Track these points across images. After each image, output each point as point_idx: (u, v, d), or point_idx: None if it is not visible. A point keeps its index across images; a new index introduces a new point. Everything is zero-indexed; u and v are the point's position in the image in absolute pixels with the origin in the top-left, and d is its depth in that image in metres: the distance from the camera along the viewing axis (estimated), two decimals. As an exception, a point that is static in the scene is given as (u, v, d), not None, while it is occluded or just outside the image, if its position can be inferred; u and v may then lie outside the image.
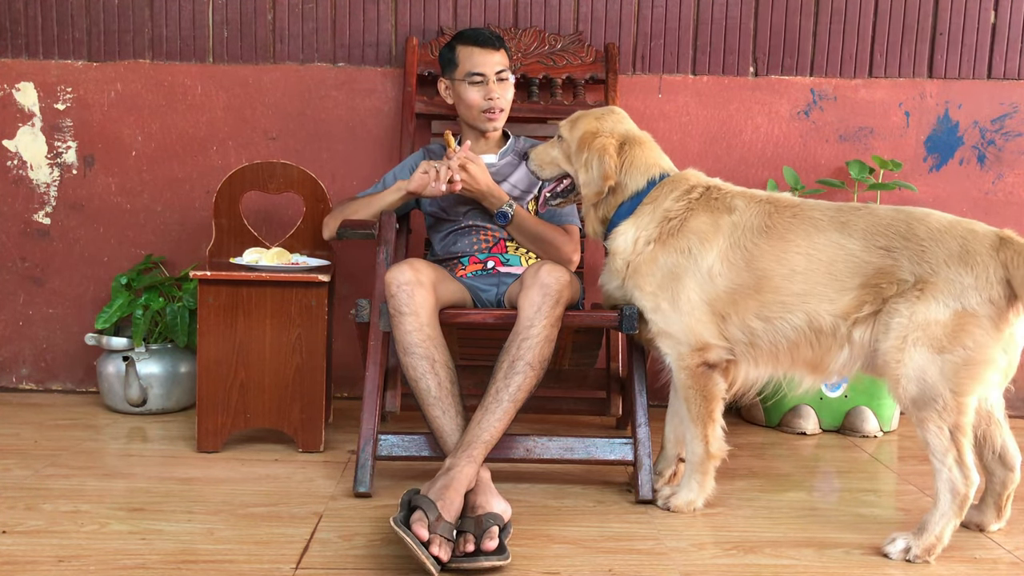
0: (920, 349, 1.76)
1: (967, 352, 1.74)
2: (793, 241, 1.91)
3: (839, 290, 1.86)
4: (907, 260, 1.82)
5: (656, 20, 3.06)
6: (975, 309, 1.74)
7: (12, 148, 3.08)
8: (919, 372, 1.77)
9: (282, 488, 2.17)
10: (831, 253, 1.88)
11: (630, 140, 2.13)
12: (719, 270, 1.95)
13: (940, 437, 1.77)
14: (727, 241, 1.96)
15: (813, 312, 1.88)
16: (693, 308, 1.96)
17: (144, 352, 2.80)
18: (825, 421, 2.87)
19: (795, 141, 3.10)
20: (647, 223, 2.04)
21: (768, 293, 1.91)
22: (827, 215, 1.93)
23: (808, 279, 1.88)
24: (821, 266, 1.88)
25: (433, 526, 1.69)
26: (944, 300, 1.76)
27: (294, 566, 1.71)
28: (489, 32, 2.54)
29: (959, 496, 1.77)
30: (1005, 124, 3.10)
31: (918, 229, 1.83)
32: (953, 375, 1.75)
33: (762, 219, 1.96)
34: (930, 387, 1.76)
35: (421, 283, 2.09)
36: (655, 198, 2.06)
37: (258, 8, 3.03)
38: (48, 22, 3.04)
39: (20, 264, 3.12)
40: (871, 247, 1.85)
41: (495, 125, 2.53)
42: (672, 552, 1.83)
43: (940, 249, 1.80)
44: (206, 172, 3.08)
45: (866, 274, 1.85)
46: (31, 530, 1.85)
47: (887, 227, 1.86)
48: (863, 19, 3.06)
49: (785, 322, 1.91)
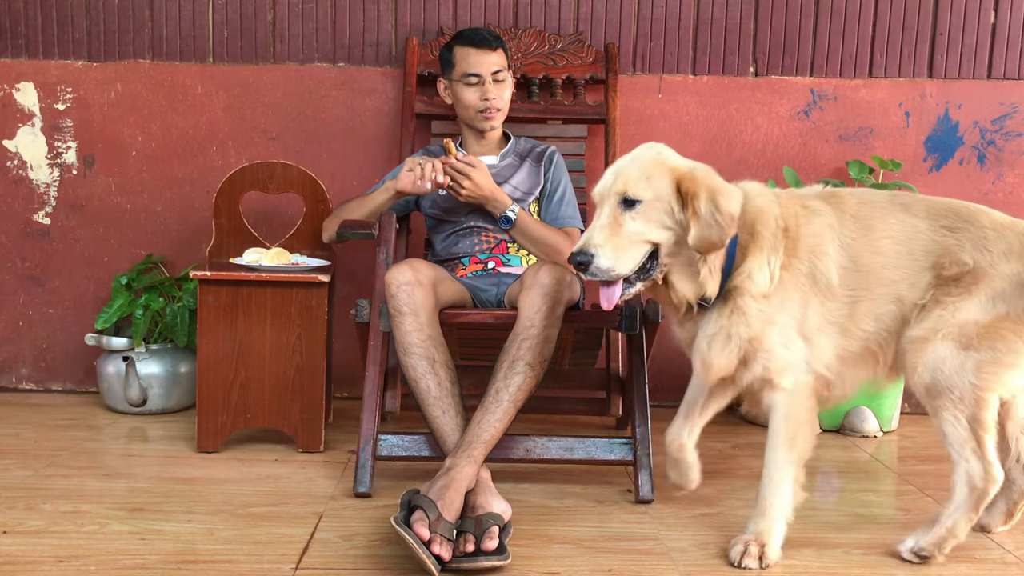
0: (946, 344, 1.69)
1: (995, 353, 1.68)
2: (877, 228, 1.78)
3: (918, 271, 1.76)
4: (969, 243, 1.74)
5: (656, 20, 3.06)
6: (1019, 314, 1.68)
7: (12, 148, 3.08)
8: (936, 362, 1.70)
9: (282, 488, 2.17)
10: (907, 232, 1.77)
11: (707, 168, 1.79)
12: (838, 280, 1.77)
13: (957, 427, 1.70)
14: (833, 245, 1.78)
15: (903, 298, 1.77)
16: (821, 330, 1.77)
17: (144, 352, 2.80)
18: (825, 421, 2.87)
19: (795, 141, 3.10)
20: (773, 248, 1.75)
21: (876, 287, 1.77)
22: (884, 198, 1.84)
23: (899, 263, 1.77)
24: (904, 246, 1.77)
25: (434, 526, 1.69)
26: (995, 300, 1.69)
27: (294, 566, 1.71)
28: (487, 32, 2.54)
29: (976, 491, 1.71)
30: (1005, 124, 3.10)
31: (980, 217, 1.77)
32: (975, 370, 1.68)
33: (843, 210, 1.81)
34: (946, 377, 1.69)
35: (421, 283, 2.10)
36: (758, 221, 1.75)
37: (258, 8, 3.03)
38: (48, 22, 3.04)
39: (20, 264, 3.12)
40: (936, 226, 1.77)
41: (492, 125, 2.53)
42: (672, 552, 1.83)
43: (1002, 242, 1.73)
44: (206, 172, 3.08)
45: (935, 253, 1.75)
46: (31, 530, 1.85)
47: (947, 208, 1.79)
48: (863, 19, 3.06)
49: (890, 315, 1.78)
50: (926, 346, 1.71)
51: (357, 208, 2.44)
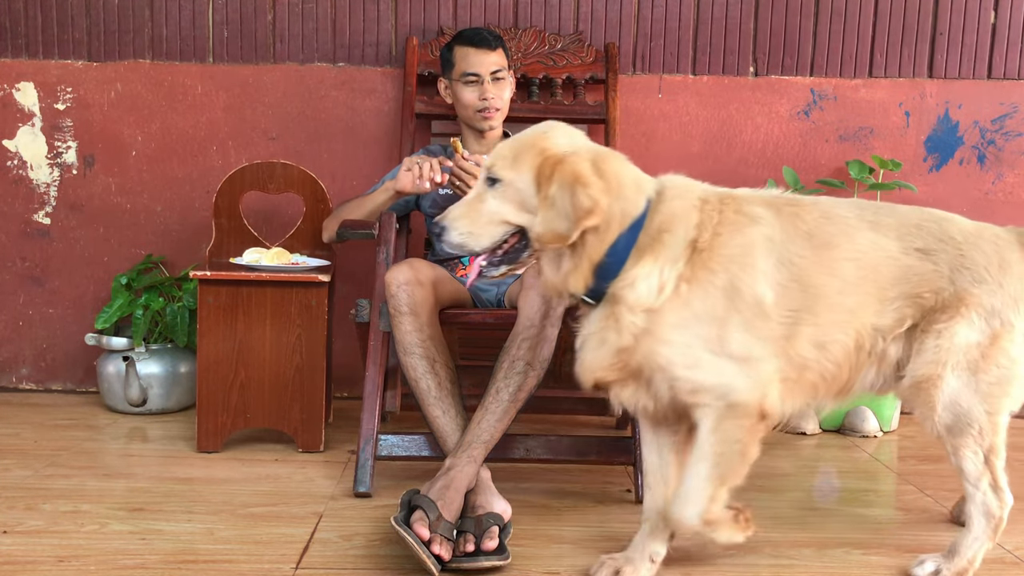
0: (956, 375, 1.61)
1: (1001, 371, 1.62)
2: (840, 246, 1.61)
3: (885, 301, 1.62)
4: (948, 266, 1.62)
5: (656, 20, 3.06)
6: (1012, 323, 1.62)
7: (12, 148, 3.08)
8: (954, 398, 1.62)
9: (282, 488, 2.17)
10: (875, 257, 1.61)
11: (601, 155, 1.59)
12: (772, 299, 1.57)
13: (975, 463, 1.66)
14: (770, 260, 1.58)
15: (861, 327, 1.62)
16: (748, 352, 1.56)
17: (144, 352, 2.80)
18: (825, 421, 2.87)
19: (795, 141, 3.10)
20: (674, 256, 1.55)
21: (824, 313, 1.59)
22: (853, 212, 1.66)
23: (859, 290, 1.61)
24: (869, 273, 1.61)
25: (434, 525, 1.69)
26: (985, 317, 1.61)
27: (294, 566, 1.71)
28: (487, 32, 2.54)
29: (994, 520, 1.69)
30: (1005, 124, 3.10)
31: (952, 231, 1.65)
32: (987, 396, 1.62)
33: (795, 223, 1.62)
34: (965, 412, 1.63)
35: (421, 283, 2.09)
36: (667, 222, 1.56)
37: (258, 8, 3.03)
38: (48, 22, 3.04)
39: (20, 264, 3.12)
40: (908, 249, 1.63)
41: (491, 124, 2.53)
42: (672, 552, 1.83)
43: (979, 256, 1.63)
44: (206, 172, 3.07)
45: (908, 281, 1.62)
46: (31, 530, 1.85)
47: (918, 227, 1.65)
48: (863, 19, 3.06)
49: (838, 345, 1.62)
50: (938, 383, 1.62)
51: (357, 208, 2.44)
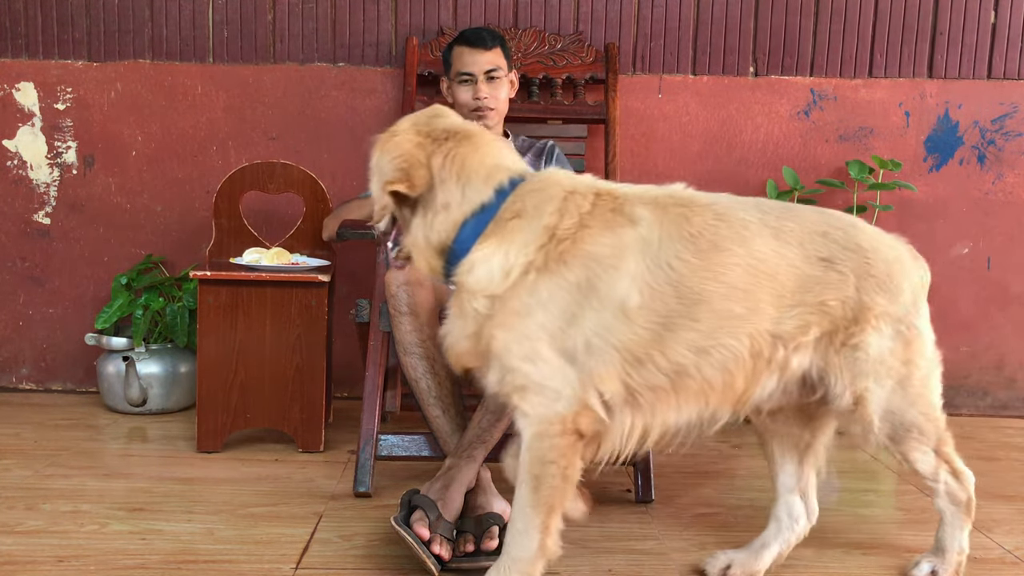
0: (883, 386, 1.60)
1: (922, 372, 1.63)
2: (730, 251, 1.51)
3: (782, 308, 1.53)
4: (853, 274, 1.56)
5: (656, 20, 3.06)
6: (918, 327, 1.62)
7: (12, 148, 3.08)
8: (886, 408, 1.61)
9: (282, 488, 2.17)
10: (773, 265, 1.53)
11: (453, 135, 1.58)
12: (638, 302, 1.47)
13: (927, 462, 1.67)
14: (642, 263, 1.49)
15: (756, 334, 1.53)
16: (592, 356, 1.46)
17: (144, 352, 2.80)
18: (825, 421, 2.86)
19: (795, 141, 3.10)
20: (523, 242, 1.49)
21: (707, 319, 1.50)
22: (754, 216, 1.56)
23: (750, 297, 1.51)
24: (764, 280, 1.52)
25: (434, 525, 1.69)
26: (895, 325, 1.59)
27: (294, 566, 1.71)
28: (486, 32, 2.52)
29: (962, 502, 1.69)
30: (1005, 124, 3.10)
31: (859, 238, 1.59)
32: (917, 398, 1.63)
33: (680, 225, 1.52)
34: (900, 419, 1.62)
35: (421, 283, 2.09)
36: (522, 210, 1.51)
37: (258, 8, 3.03)
38: (48, 22, 3.04)
39: (20, 264, 3.12)
40: (812, 258, 1.55)
41: (485, 124, 2.51)
42: (672, 552, 1.83)
43: (882, 263, 1.59)
44: (206, 172, 3.08)
45: (811, 291, 1.54)
46: (31, 530, 1.85)
47: (823, 234, 1.57)
48: (863, 19, 3.06)
49: (726, 350, 1.52)
50: (867, 397, 1.59)
51: (358, 208, 2.44)
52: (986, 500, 2.21)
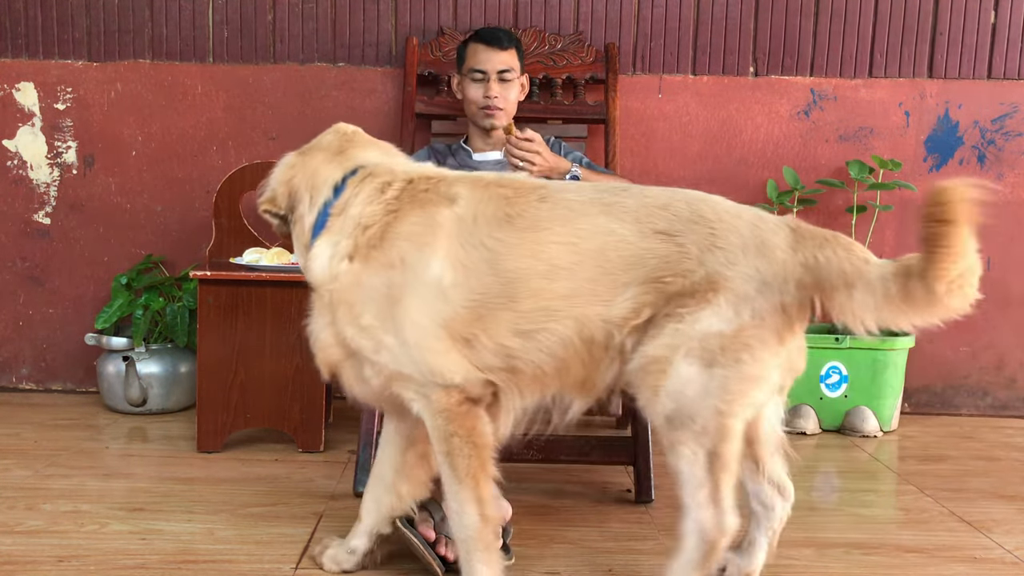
0: (690, 362, 1.41)
1: (741, 368, 1.41)
2: (550, 229, 1.47)
3: (613, 287, 1.45)
4: (696, 247, 1.44)
5: (656, 20, 3.06)
6: (763, 319, 1.41)
7: (12, 148, 3.08)
8: (680, 386, 1.42)
9: (282, 488, 2.17)
10: (600, 241, 1.46)
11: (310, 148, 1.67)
12: (452, 279, 1.46)
13: (694, 465, 1.43)
14: (456, 240, 1.48)
15: (583, 318, 1.45)
16: (425, 335, 1.47)
17: (144, 352, 2.79)
18: (825, 421, 2.87)
19: (795, 141, 3.10)
20: (341, 234, 1.54)
21: (526, 299, 1.46)
22: (585, 196, 1.52)
23: (575, 276, 1.45)
24: (589, 258, 1.45)
25: (439, 526, 1.69)
26: (737, 305, 1.41)
27: (294, 566, 1.71)
28: (502, 32, 2.50)
29: (707, 543, 1.44)
30: (1005, 124, 3.10)
31: (703, 209, 1.47)
32: (720, 391, 1.41)
33: (500, 206, 1.50)
34: (689, 403, 1.42)
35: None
36: (346, 202, 1.56)
37: (258, 8, 3.03)
38: (48, 22, 3.04)
39: (20, 264, 3.12)
40: (647, 232, 1.45)
41: (492, 123, 2.51)
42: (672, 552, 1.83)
43: (734, 235, 1.44)
44: (206, 172, 3.07)
45: (646, 266, 1.44)
46: (31, 530, 1.85)
47: (664, 207, 1.47)
48: (863, 19, 3.06)
49: (551, 335, 1.46)
50: (667, 368, 1.42)
51: None
52: (986, 500, 2.22)
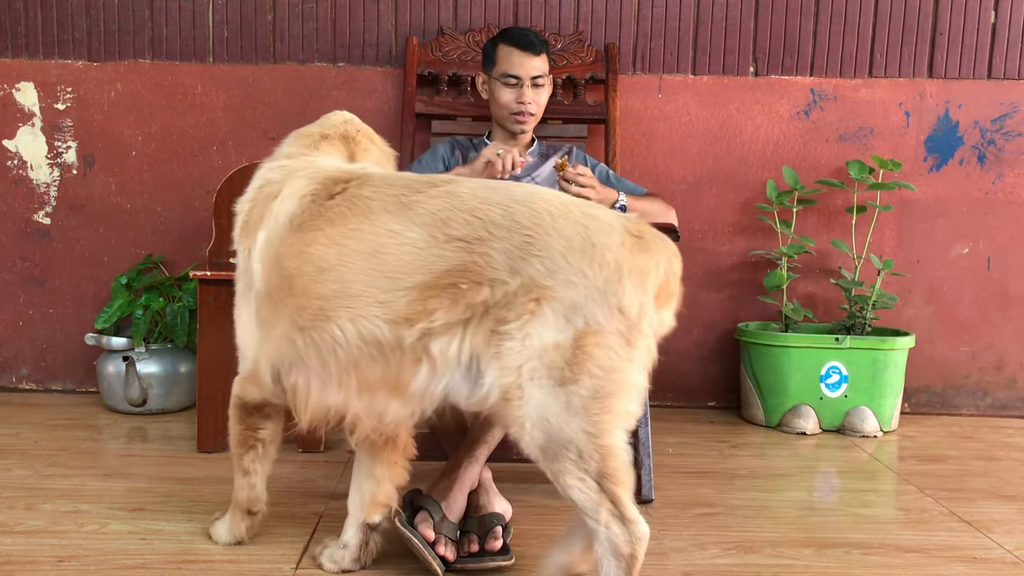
0: (539, 384, 1.34)
1: (595, 381, 1.34)
2: (321, 230, 1.49)
3: (389, 290, 1.42)
4: (502, 255, 1.37)
5: (656, 20, 3.06)
6: (601, 324, 1.34)
7: (12, 148, 3.08)
8: (540, 413, 1.35)
9: (282, 488, 2.17)
10: (375, 243, 1.44)
11: None
12: (257, 272, 1.55)
13: (585, 491, 1.37)
14: (264, 235, 1.55)
15: (358, 318, 1.44)
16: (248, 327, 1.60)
17: (144, 352, 2.79)
18: (825, 421, 2.87)
19: (795, 141, 3.10)
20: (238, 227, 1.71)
21: (298, 297, 1.48)
22: (383, 193, 1.49)
23: (341, 277, 1.45)
24: (359, 260, 1.44)
25: (439, 526, 1.70)
26: (565, 315, 1.34)
27: (294, 566, 1.71)
28: (534, 35, 2.47)
29: (624, 558, 1.37)
30: (1005, 124, 3.10)
31: (520, 214, 1.40)
32: (583, 412, 1.34)
33: (298, 204, 1.54)
34: (557, 431, 1.35)
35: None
36: None
37: (258, 8, 3.03)
38: (48, 22, 3.04)
39: (20, 264, 3.12)
40: (439, 236, 1.41)
41: (523, 128, 2.48)
42: (672, 552, 1.83)
43: (555, 240, 1.37)
44: (206, 172, 3.07)
45: (432, 272, 1.40)
46: (31, 530, 1.85)
47: (471, 211, 1.41)
48: (863, 19, 3.06)
49: (326, 333, 1.46)
50: (520, 394, 1.36)
51: None
52: (986, 500, 2.22)
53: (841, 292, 3.00)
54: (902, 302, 3.09)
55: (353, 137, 1.78)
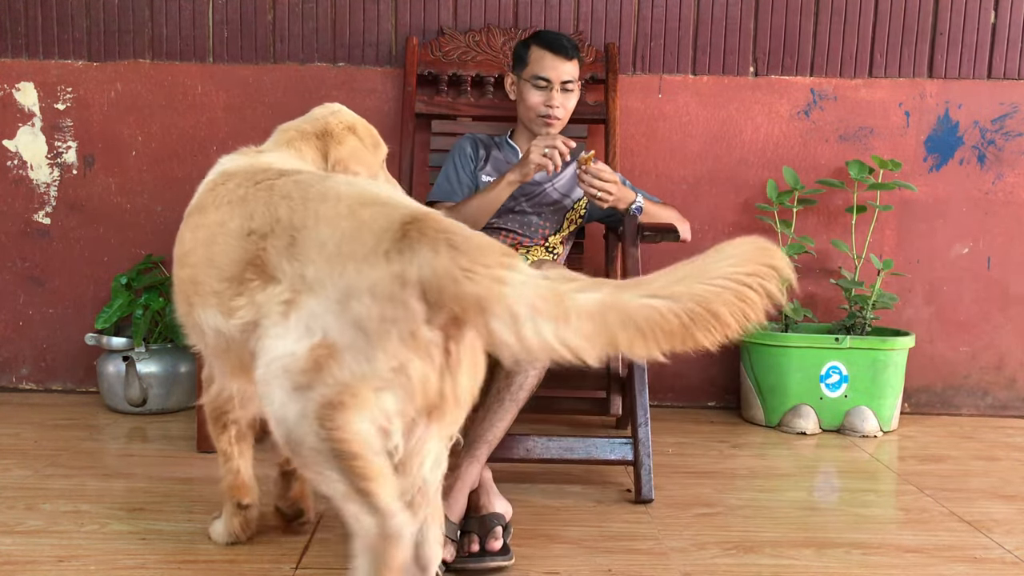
0: (278, 384, 1.27)
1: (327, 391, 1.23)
2: (188, 220, 1.60)
3: (219, 280, 1.41)
4: (274, 253, 1.32)
5: (656, 20, 3.06)
6: (335, 339, 1.22)
7: (12, 148, 3.08)
8: (279, 411, 1.28)
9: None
10: (208, 234, 1.47)
11: None
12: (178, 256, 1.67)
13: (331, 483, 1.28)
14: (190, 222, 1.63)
15: (202, 305, 1.46)
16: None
17: (144, 352, 2.79)
18: (825, 421, 2.87)
19: (795, 141, 3.10)
20: None
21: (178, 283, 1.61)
22: (233, 183, 1.51)
23: (189, 263, 1.52)
24: (201, 249, 1.48)
25: (439, 526, 1.69)
26: (307, 324, 1.25)
27: (294, 566, 1.71)
28: (566, 39, 2.46)
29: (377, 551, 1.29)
30: (1005, 124, 3.10)
31: (297, 213, 1.33)
32: (317, 419, 1.24)
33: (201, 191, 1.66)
34: (291, 428, 1.27)
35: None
36: None
37: (258, 8, 3.03)
38: (48, 22, 3.04)
39: (20, 264, 3.12)
40: (244, 229, 1.39)
41: (549, 132, 2.47)
42: (672, 552, 1.83)
43: (312, 244, 1.28)
44: (206, 172, 3.04)
45: (239, 264, 1.38)
46: (31, 530, 1.85)
47: (271, 204, 1.38)
48: (863, 19, 3.06)
49: (192, 316, 1.51)
50: (266, 391, 1.30)
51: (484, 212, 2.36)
52: (986, 500, 2.22)
53: (841, 292, 3.00)
54: (902, 302, 3.09)
55: (331, 131, 1.77)
